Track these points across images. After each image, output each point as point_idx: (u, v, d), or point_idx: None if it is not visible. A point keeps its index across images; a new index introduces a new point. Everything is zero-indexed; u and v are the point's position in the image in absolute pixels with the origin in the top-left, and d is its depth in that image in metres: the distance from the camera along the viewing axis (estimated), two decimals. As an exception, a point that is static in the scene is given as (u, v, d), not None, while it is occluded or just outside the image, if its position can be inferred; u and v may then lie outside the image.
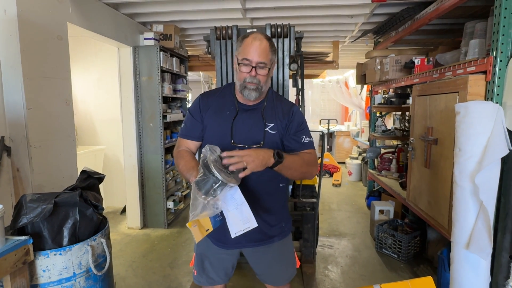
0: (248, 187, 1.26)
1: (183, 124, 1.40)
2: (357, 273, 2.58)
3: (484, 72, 1.68)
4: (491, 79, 1.64)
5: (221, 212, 1.15)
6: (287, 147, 1.32)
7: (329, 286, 2.39)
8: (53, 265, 1.35)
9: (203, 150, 1.12)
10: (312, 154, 1.33)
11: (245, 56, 1.22)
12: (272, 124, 1.29)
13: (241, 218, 1.13)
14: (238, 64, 1.25)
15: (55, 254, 1.35)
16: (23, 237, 1.26)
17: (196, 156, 1.38)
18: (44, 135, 2.02)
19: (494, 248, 1.60)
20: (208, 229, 1.15)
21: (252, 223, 1.12)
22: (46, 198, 1.37)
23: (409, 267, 2.64)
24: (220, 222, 1.19)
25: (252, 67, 1.21)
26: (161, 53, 3.31)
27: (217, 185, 1.04)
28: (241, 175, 1.08)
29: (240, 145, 1.26)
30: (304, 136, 1.32)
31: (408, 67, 2.81)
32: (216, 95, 1.37)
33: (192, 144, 1.36)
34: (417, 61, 2.58)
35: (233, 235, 1.13)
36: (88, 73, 3.96)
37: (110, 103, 3.92)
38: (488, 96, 1.67)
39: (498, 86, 1.61)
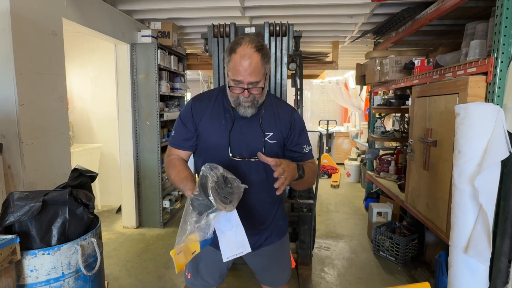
0: (246, 194, 1.21)
1: (173, 132, 1.31)
2: (354, 275, 2.55)
3: (485, 73, 1.65)
4: (491, 81, 1.61)
5: (214, 231, 1.08)
6: (288, 157, 1.27)
7: (325, 289, 2.36)
8: (41, 265, 1.32)
9: (203, 168, 1.04)
10: (314, 164, 1.33)
11: (234, 78, 1.12)
12: (272, 133, 1.23)
13: (234, 242, 1.08)
14: (229, 82, 1.16)
15: (43, 254, 1.31)
16: (10, 236, 1.22)
17: (190, 165, 1.33)
18: (36, 132, 1.98)
19: (492, 253, 1.57)
20: (195, 251, 1.07)
21: (246, 248, 1.08)
22: (35, 196, 1.34)
23: (406, 270, 2.61)
24: (210, 241, 1.10)
25: (244, 88, 1.12)
26: (159, 50, 3.27)
27: (211, 210, 0.99)
28: (279, 187, 1.02)
29: (238, 158, 1.21)
30: (305, 146, 1.29)
31: (408, 68, 2.78)
32: (210, 101, 1.27)
33: (184, 154, 1.30)
34: (417, 62, 2.55)
35: (225, 259, 1.09)
36: (85, 70, 3.92)
37: (107, 100, 3.88)
38: (489, 97, 1.64)
39: (499, 88, 1.58)
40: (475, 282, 1.48)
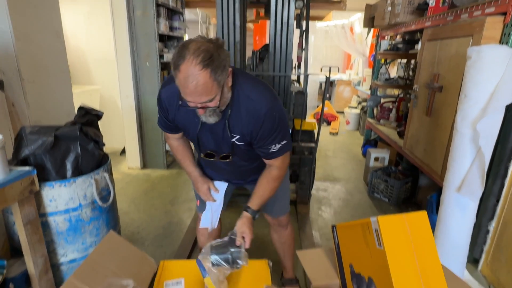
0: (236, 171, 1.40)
1: (158, 113, 1.26)
2: (348, 214, 2.73)
3: (504, 14, 1.58)
4: (509, 22, 1.55)
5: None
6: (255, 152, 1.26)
7: (322, 224, 2.54)
8: (59, 195, 1.39)
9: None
10: (277, 168, 1.25)
11: (185, 97, 0.98)
12: (238, 136, 1.16)
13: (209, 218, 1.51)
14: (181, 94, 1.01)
15: (59, 186, 1.38)
16: (27, 168, 1.27)
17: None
18: (36, 69, 1.93)
19: (483, 192, 1.68)
20: None
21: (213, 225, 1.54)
22: (46, 131, 1.36)
23: (398, 210, 2.79)
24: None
25: (198, 107, 1.00)
26: (156, -16, 3.04)
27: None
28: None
29: (211, 158, 1.29)
30: (273, 146, 1.16)
31: (421, 9, 2.64)
32: (177, 97, 1.10)
33: (175, 135, 1.36)
34: (432, 2, 2.41)
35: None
36: (77, 5, 3.67)
37: (103, 40, 3.71)
38: (503, 40, 1.59)
39: (516, 30, 1.53)
40: (463, 218, 1.60)
